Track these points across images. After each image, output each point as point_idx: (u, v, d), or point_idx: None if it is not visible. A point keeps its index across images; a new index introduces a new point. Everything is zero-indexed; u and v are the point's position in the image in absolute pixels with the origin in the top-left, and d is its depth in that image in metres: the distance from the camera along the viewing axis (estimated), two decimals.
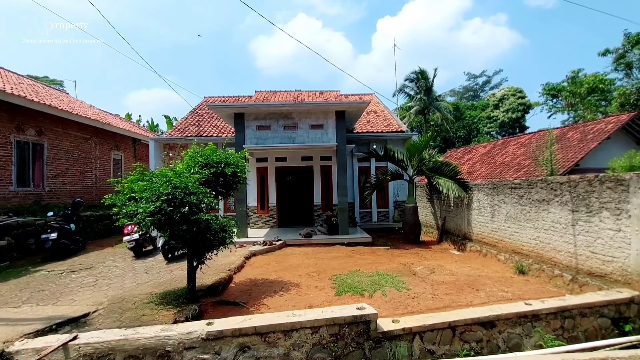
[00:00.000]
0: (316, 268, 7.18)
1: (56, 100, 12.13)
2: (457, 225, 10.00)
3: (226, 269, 6.69)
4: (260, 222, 12.89)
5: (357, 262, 7.79)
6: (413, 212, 10.59)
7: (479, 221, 8.83)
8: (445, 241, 10.55)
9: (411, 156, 10.54)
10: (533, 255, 6.88)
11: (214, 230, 4.64)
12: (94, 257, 8.30)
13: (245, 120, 10.63)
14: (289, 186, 14.24)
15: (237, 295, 5.41)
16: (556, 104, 35.85)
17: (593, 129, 16.09)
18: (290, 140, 10.64)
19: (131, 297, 4.96)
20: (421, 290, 5.58)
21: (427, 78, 31.07)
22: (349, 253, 8.74)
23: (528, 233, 7.02)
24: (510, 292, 5.71)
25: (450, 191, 9.25)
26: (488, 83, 47.37)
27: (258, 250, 8.75)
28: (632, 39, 22.32)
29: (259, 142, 10.60)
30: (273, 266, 7.45)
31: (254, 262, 7.84)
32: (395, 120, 15.48)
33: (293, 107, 10.31)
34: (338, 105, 10.33)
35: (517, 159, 18.34)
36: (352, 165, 13.79)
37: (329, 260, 7.89)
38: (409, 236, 10.69)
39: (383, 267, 7.24)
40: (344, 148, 10.63)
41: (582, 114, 25.66)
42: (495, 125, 35.90)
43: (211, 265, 6.85)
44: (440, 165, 10.14)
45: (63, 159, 12.05)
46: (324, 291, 5.61)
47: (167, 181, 4.32)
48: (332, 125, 10.70)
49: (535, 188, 6.83)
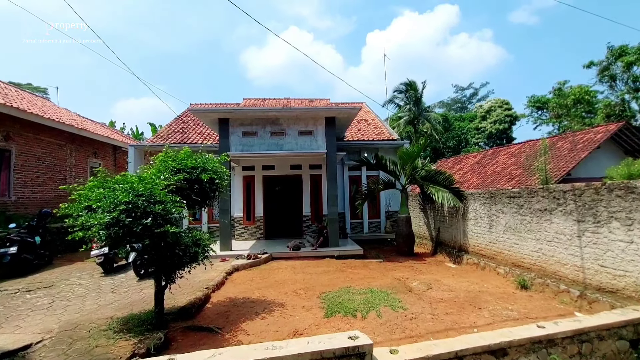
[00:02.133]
0: (304, 284, 6.58)
1: (27, 104, 11.38)
2: (453, 237, 9.56)
3: (203, 287, 6.03)
4: (246, 233, 12.22)
5: (349, 277, 7.22)
6: (406, 223, 10.12)
7: (476, 232, 8.40)
8: (440, 253, 10.07)
9: (404, 164, 10.14)
10: (535, 268, 6.44)
11: (185, 244, 4.03)
12: (58, 274, 7.51)
13: (231, 126, 10.09)
14: (277, 196, 13.66)
15: (212, 318, 4.77)
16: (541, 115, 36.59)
17: (582, 139, 16.08)
18: (278, 147, 10.13)
19: (87, 323, 4.28)
20: (419, 310, 5.04)
21: (416, 89, 31.33)
22: (339, 267, 8.17)
23: (529, 245, 6.60)
24: (515, 310, 5.23)
25: (445, 200, 8.84)
26: (475, 95, 48.24)
27: (241, 265, 8.10)
28: (615, 51, 22.85)
29: (245, 149, 10.05)
30: (257, 282, 6.82)
31: (236, 278, 7.19)
32: (386, 129, 15.18)
33: (280, 113, 9.84)
34: (328, 111, 9.91)
35: (508, 168, 18.22)
36: (342, 175, 13.34)
37: (318, 276, 7.30)
38: (402, 248, 10.19)
39: (376, 282, 6.69)
40: (334, 156, 10.17)
41: (568, 124, 26.00)
42: (484, 136, 36.34)
43: (187, 283, 6.19)
44: (434, 174, 9.75)
45: (33, 167, 11.23)
46: (311, 312, 5.02)
47: (128, 188, 3.73)
48: (322, 132, 10.25)
49: (536, 197, 6.44)
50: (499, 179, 17.63)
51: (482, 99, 45.13)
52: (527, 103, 36.48)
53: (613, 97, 23.66)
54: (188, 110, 9.42)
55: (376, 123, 15.83)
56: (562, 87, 26.67)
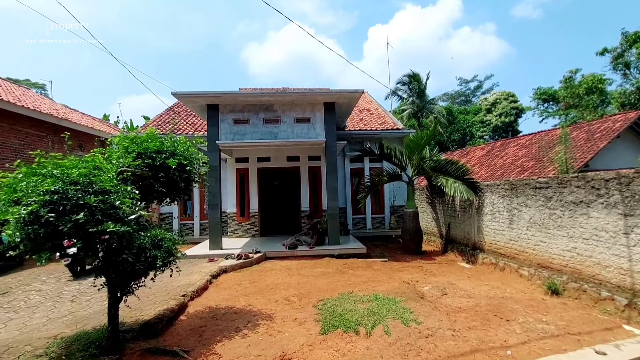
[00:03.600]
0: (298, 289, 5.70)
1: (1, 91, 10.50)
2: (465, 233, 8.65)
3: (181, 293, 5.16)
4: (240, 230, 11.35)
5: (350, 279, 6.34)
6: (413, 218, 9.21)
7: (493, 228, 7.49)
8: (451, 251, 9.17)
9: (411, 154, 9.20)
10: (568, 270, 5.53)
11: (139, 247, 3.14)
12: (23, 277, 6.67)
13: (220, 113, 9.17)
14: (273, 190, 12.77)
15: (183, 336, 3.90)
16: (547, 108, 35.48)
17: (599, 128, 15.07)
18: (272, 136, 9.21)
19: (22, 346, 3.42)
20: (436, 324, 4.15)
21: (420, 80, 30.32)
22: (339, 268, 7.29)
23: (560, 243, 5.68)
24: (551, 322, 4.33)
25: (457, 193, 7.91)
26: (480, 88, 47.10)
27: (230, 266, 7.23)
28: (629, 37, 21.66)
29: (236, 138, 9.14)
30: (245, 287, 5.94)
31: (222, 282, 6.32)
32: (390, 118, 14.20)
33: (275, 98, 8.90)
34: (327, 96, 8.96)
35: (518, 160, 17.25)
36: (343, 167, 12.41)
37: (316, 278, 6.42)
38: (409, 246, 9.29)
39: (382, 287, 5.80)
40: (334, 145, 9.25)
41: (578, 115, 24.90)
42: (489, 130, 35.36)
43: (162, 288, 5.34)
44: (444, 164, 8.81)
45: (9, 159, 10.37)
46: (305, 326, 4.14)
47: (59, 173, 2.83)
48: (321, 119, 9.33)
49: (569, 187, 5.51)
50: (510, 171, 16.67)
51: (487, 91, 44.03)
52: (533, 95, 35.39)
53: (628, 85, 22.52)
54: (172, 94, 8.48)
55: (379, 112, 14.85)
56: (574, 75, 25.47)
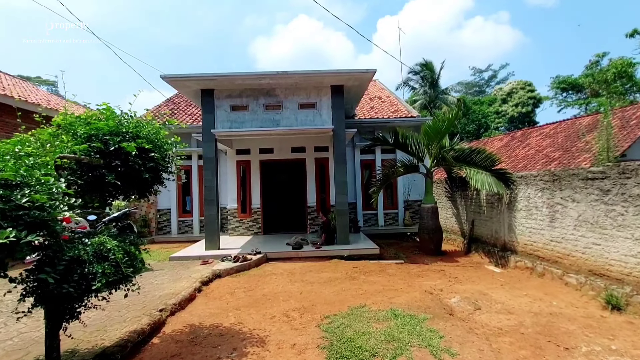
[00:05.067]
0: (300, 301, 4.80)
1: None
2: (493, 232, 7.61)
3: (159, 306, 4.32)
4: (242, 228, 10.52)
5: (362, 288, 5.41)
6: (432, 215, 8.20)
7: (529, 227, 6.43)
8: (476, 252, 8.14)
9: (429, 142, 8.15)
10: (632, 280, 4.48)
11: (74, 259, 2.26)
12: None
13: (216, 99, 8.29)
14: (277, 184, 11.92)
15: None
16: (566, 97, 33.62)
17: (635, 115, 13.68)
18: (274, 124, 8.29)
19: None
20: (475, 355, 3.20)
21: (433, 69, 28.97)
22: (349, 272, 6.37)
23: (621, 246, 4.62)
24: (625, 352, 3.33)
25: (486, 186, 6.86)
26: (494, 78, 45.24)
27: (225, 270, 6.38)
28: None
29: (234, 127, 8.26)
30: (238, 297, 5.07)
31: (214, 290, 5.47)
32: (403, 106, 13.11)
33: (276, 80, 7.94)
34: (334, 77, 7.96)
35: (543, 150, 15.93)
36: (353, 158, 11.44)
37: (321, 286, 5.51)
38: (427, 245, 8.30)
39: (400, 298, 4.86)
40: (343, 133, 8.27)
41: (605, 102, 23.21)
42: (504, 120, 33.76)
43: (140, 299, 4.52)
44: (469, 153, 7.75)
45: None
46: (305, 356, 3.23)
47: None
48: (327, 105, 8.35)
49: (635, 177, 4.43)
50: (534, 162, 15.40)
51: (502, 81, 42.18)
52: (551, 84, 33.53)
53: None
54: (160, 77, 7.62)
55: (391, 100, 13.75)
56: (600, 60, 23.71)
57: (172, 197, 11.27)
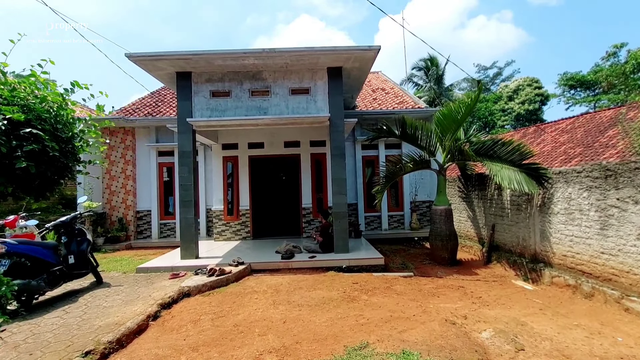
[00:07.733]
0: (281, 336, 3.62)
1: None
2: (520, 239, 6.40)
3: (90, 344, 3.16)
4: (228, 232, 9.35)
5: (363, 314, 4.22)
6: (446, 218, 7.00)
7: (569, 234, 5.23)
8: (498, 262, 6.92)
9: (443, 133, 6.95)
10: None
11: None
12: None
13: (194, 83, 7.13)
14: (269, 183, 10.75)
15: None
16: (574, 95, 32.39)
17: None
18: (261, 112, 7.12)
19: None
20: None
21: (438, 65, 27.79)
22: (347, 290, 5.18)
23: None
24: None
25: (514, 184, 5.66)
26: (499, 75, 43.95)
27: (196, 287, 5.21)
28: None
29: (214, 115, 7.09)
30: (202, 328, 3.89)
31: (175, 316, 4.29)
32: (409, 97, 11.91)
33: (263, 59, 6.74)
34: (331, 56, 6.75)
35: (561, 147, 14.57)
36: (354, 154, 10.26)
37: (312, 311, 4.33)
38: (440, 254, 7.10)
39: (414, 331, 3.66)
40: (341, 123, 7.08)
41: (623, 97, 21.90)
42: (510, 118, 32.48)
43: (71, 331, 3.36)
44: (491, 145, 6.55)
45: None
46: None
47: None
48: (323, 90, 7.17)
49: None
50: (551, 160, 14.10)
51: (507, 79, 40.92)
52: (559, 81, 32.27)
53: None
54: (125, 56, 6.47)
55: (396, 91, 12.55)
56: (618, 51, 22.38)
57: (153, 197, 10.14)
